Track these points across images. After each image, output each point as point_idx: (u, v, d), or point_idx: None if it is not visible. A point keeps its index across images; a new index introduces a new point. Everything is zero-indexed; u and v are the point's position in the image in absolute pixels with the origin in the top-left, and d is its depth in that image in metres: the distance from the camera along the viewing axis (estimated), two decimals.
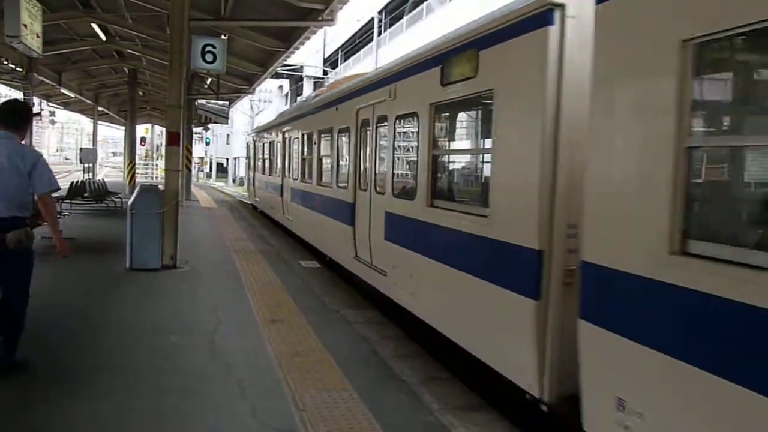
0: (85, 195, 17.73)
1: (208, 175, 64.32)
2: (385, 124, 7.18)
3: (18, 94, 18.54)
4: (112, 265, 9.40)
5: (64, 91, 23.69)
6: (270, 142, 17.61)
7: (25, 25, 10.98)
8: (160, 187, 10.14)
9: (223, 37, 14.30)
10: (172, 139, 10.02)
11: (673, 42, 2.85)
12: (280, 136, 15.57)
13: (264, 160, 18.64)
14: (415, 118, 6.25)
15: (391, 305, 7.03)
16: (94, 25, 16.46)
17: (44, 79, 20.29)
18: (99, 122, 35.07)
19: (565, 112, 4.05)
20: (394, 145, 7.02)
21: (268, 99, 56.55)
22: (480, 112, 5.68)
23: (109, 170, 59.11)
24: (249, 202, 24.35)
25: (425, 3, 34.23)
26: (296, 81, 55.30)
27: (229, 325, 6.48)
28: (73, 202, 16.28)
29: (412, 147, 6.55)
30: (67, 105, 32.39)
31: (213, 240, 13.27)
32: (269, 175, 17.40)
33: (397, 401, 4.62)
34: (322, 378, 4.96)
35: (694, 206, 2.96)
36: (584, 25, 3.73)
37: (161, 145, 52.25)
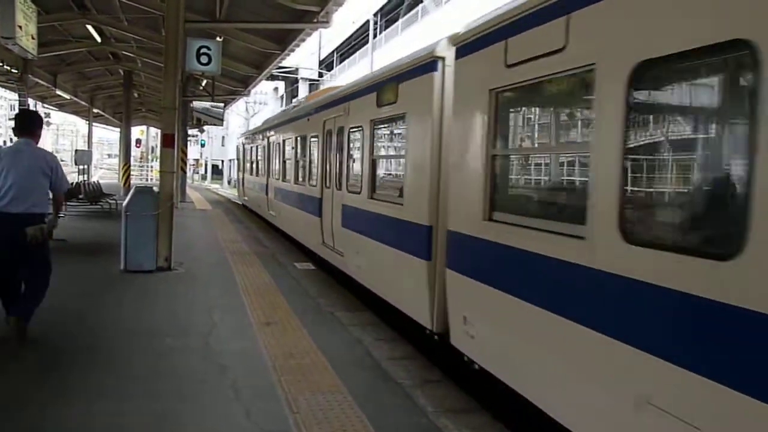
0: (80, 197, 17.69)
1: (203, 177, 64.22)
2: (343, 134, 9.02)
3: (13, 96, 18.47)
4: (106, 266, 9.38)
5: (59, 92, 23.65)
6: (257, 146, 19.42)
7: (20, 27, 10.95)
8: (155, 188, 10.12)
9: (218, 39, 14.32)
10: (167, 141, 10.01)
11: (485, 90, 4.68)
12: (265, 140, 17.30)
13: (252, 163, 20.52)
14: (361, 130, 8.09)
15: (389, 309, 7.06)
16: (89, 27, 16.44)
17: (39, 81, 20.24)
18: (94, 124, 34.98)
19: (445, 129, 5.67)
20: (348, 151, 8.81)
21: (264, 101, 56.56)
22: (399, 127, 7.29)
23: (105, 172, 58.98)
24: (239, 202, 26.20)
25: (420, 5, 34.29)
26: (291, 83, 55.31)
27: (223, 327, 6.48)
28: (67, 203, 16.23)
29: (360, 152, 8.24)
30: (62, 107, 32.32)
31: (208, 242, 13.25)
32: (256, 176, 19.27)
33: (391, 404, 4.63)
34: (317, 380, 4.96)
35: (495, 192, 4.71)
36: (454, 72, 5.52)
37: (156, 146, 52.17)
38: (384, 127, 7.80)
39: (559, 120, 4.48)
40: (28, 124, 5.78)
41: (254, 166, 19.91)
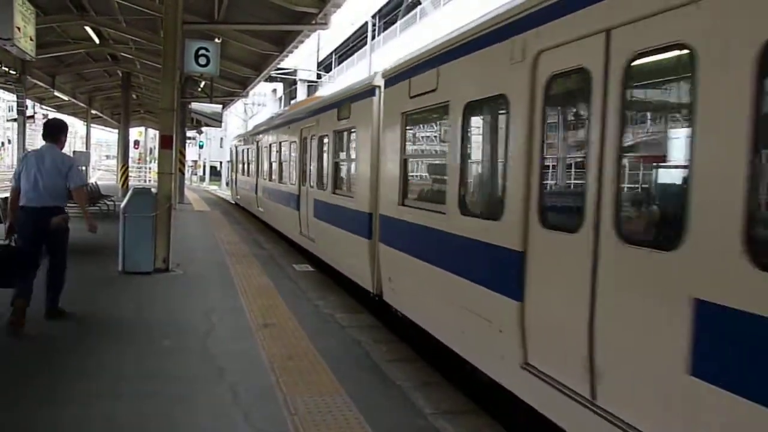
0: None
1: (202, 179, 64.13)
2: (314, 140, 10.88)
3: (11, 97, 18.46)
4: (104, 268, 9.36)
5: (57, 94, 23.61)
6: (247, 149, 21.51)
7: (19, 28, 10.94)
8: (153, 190, 10.12)
9: (216, 40, 14.30)
10: (165, 143, 10.00)
11: (398, 112, 6.59)
12: (255, 144, 19.29)
13: (243, 164, 22.67)
14: (327, 138, 10.08)
15: (387, 311, 7.06)
16: (88, 28, 16.41)
17: (38, 82, 20.22)
18: (92, 125, 34.96)
19: (380, 139, 7.48)
20: (318, 154, 10.63)
21: (262, 102, 56.54)
22: (351, 137, 9.05)
23: (102, 173, 58.90)
24: (232, 201, 28.16)
25: (419, 7, 34.34)
26: (290, 84, 55.35)
27: (221, 328, 6.47)
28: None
29: (326, 156, 10.21)
30: (60, 108, 32.25)
31: (206, 243, 13.24)
32: (247, 176, 21.32)
33: (389, 405, 4.63)
34: (315, 382, 4.96)
35: (406, 186, 6.54)
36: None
37: (154, 148, 52.12)
38: (342, 136, 9.60)
39: (434, 136, 6.64)
40: (53, 131, 6.61)
41: (245, 167, 21.90)
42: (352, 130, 8.80)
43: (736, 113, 2.55)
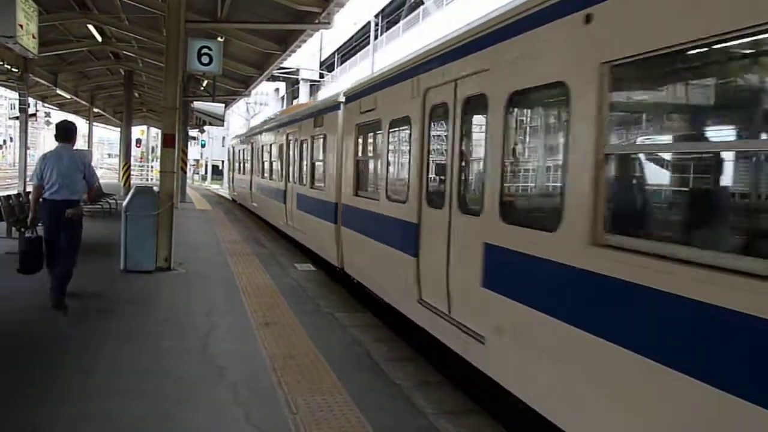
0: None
1: (204, 178, 64.17)
2: (297, 143, 12.80)
3: (13, 95, 18.46)
4: (106, 266, 9.37)
5: (59, 92, 23.60)
6: (243, 150, 23.77)
7: (21, 26, 10.94)
8: (155, 188, 10.12)
9: (219, 39, 14.28)
10: (167, 141, 10.01)
11: (354, 124, 8.61)
12: (249, 145, 21.56)
13: (239, 163, 24.91)
14: (306, 142, 12.07)
15: (387, 310, 7.07)
16: (90, 27, 16.42)
17: (40, 80, 20.22)
18: (94, 124, 34.95)
19: (343, 144, 9.20)
20: (300, 156, 12.53)
21: (264, 102, 56.55)
22: (323, 142, 10.73)
23: (105, 172, 58.97)
24: (229, 197, 30.37)
25: (422, 7, 34.32)
26: (292, 84, 55.32)
27: (223, 327, 6.47)
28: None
29: (306, 157, 12.08)
30: (62, 106, 32.28)
31: (208, 242, 13.24)
32: (242, 174, 23.48)
33: (390, 405, 4.62)
34: (316, 381, 4.96)
35: (358, 181, 8.43)
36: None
37: (157, 146, 52.16)
38: (317, 141, 11.34)
39: (373, 143, 8.23)
40: (67, 133, 7.39)
41: (241, 166, 24.17)
42: (324, 136, 10.71)
43: (499, 135, 4.54)
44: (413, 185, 6.08)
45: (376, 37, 40.54)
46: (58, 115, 46.55)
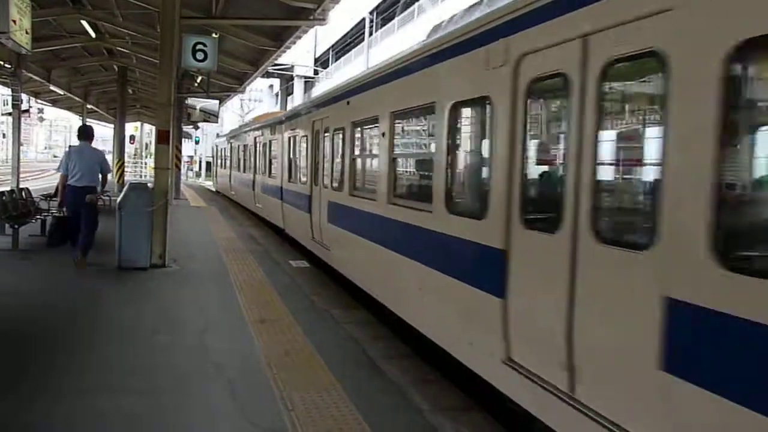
0: None
1: (198, 174, 63.94)
2: (272, 143, 15.58)
3: (6, 91, 18.34)
4: (100, 263, 9.33)
5: (53, 88, 23.45)
6: (224, 148, 28.55)
7: (14, 21, 10.83)
8: (150, 185, 10.08)
9: (213, 35, 14.21)
10: (161, 137, 9.97)
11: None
12: (229, 145, 26.45)
13: (222, 159, 29.77)
14: (277, 142, 14.60)
15: (382, 308, 7.07)
16: (84, 22, 16.30)
17: (33, 76, 20.07)
18: (88, 120, 34.77)
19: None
20: (279, 153, 14.42)
21: (259, 98, 56.36)
22: (287, 143, 13.32)
23: None
24: (214, 189, 34.72)
25: (416, 3, 34.27)
26: (287, 80, 55.17)
27: (218, 324, 6.46)
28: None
29: (283, 156, 13.87)
30: (55, 102, 32.10)
31: (202, 239, 13.21)
32: (224, 169, 28.46)
33: (386, 402, 4.63)
34: (312, 378, 4.96)
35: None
36: None
37: (151, 143, 51.94)
38: (275, 143, 14.28)
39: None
40: (88, 133, 9.85)
41: (223, 162, 29.24)
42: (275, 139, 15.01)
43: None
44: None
45: (371, 34, 40.48)
46: (51, 112, 46.25)
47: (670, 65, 2.91)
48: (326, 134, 9.84)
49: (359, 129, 8.25)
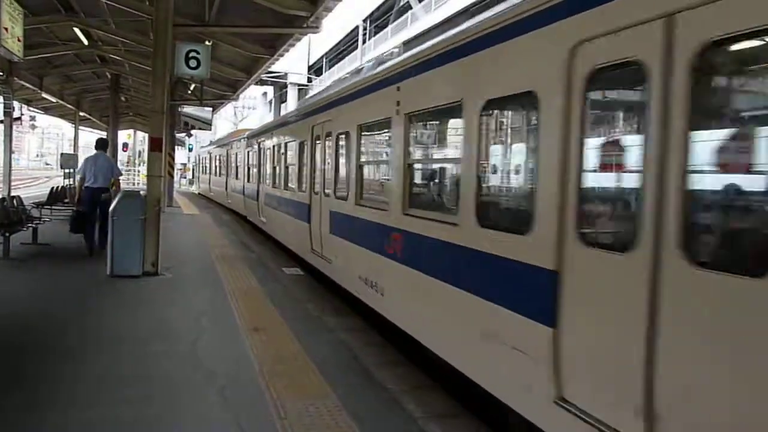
0: (66, 201, 17.51)
1: (191, 182, 63.73)
2: (249, 153, 18.28)
3: None
4: (92, 271, 9.29)
5: (45, 95, 23.40)
6: (206, 157, 33.91)
7: (6, 29, 10.85)
8: (142, 192, 10.05)
9: (207, 43, 14.24)
10: (154, 145, 9.95)
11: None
12: (209, 155, 32.48)
13: (202, 167, 36.24)
14: (253, 153, 17.45)
15: (376, 315, 7.05)
16: (77, 30, 16.28)
17: (25, 84, 20.04)
18: (80, 127, 34.65)
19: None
20: (257, 161, 16.69)
21: (252, 106, 56.36)
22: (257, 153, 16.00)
23: None
24: (196, 192, 39.43)
25: (410, 11, 34.43)
26: (280, 88, 55.22)
27: (211, 332, 6.43)
28: (53, 207, 16.08)
29: (262, 164, 16.04)
30: (48, 110, 31.98)
31: (195, 247, 13.17)
32: (204, 174, 34.57)
33: (379, 409, 4.62)
34: (305, 386, 4.94)
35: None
36: None
37: (143, 151, 51.72)
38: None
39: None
40: (103, 144, 11.89)
41: (205, 168, 34.85)
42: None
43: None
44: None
45: (364, 42, 40.60)
46: (43, 119, 46.02)
47: None
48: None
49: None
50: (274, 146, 14.16)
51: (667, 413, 2.79)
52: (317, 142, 9.63)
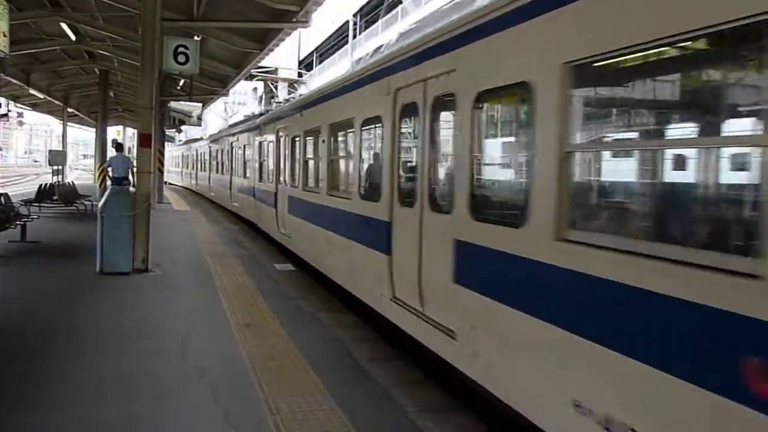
0: (54, 198, 17.38)
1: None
2: (216, 153, 23.52)
3: None
4: (81, 269, 9.22)
5: (32, 91, 23.25)
6: (187, 154, 37.11)
7: None
8: (132, 189, 9.99)
9: (195, 38, 14.16)
10: (143, 141, 9.88)
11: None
12: (188, 153, 36.10)
13: (186, 164, 38.37)
14: (227, 152, 20.73)
15: (369, 310, 7.06)
16: (64, 25, 16.16)
17: (12, 80, 19.88)
18: (69, 124, 34.46)
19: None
20: (218, 159, 22.89)
21: (243, 101, 56.10)
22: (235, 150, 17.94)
23: (80, 173, 58.05)
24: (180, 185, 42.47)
25: (400, 6, 34.35)
26: (271, 83, 54.95)
27: (201, 329, 6.40)
28: (41, 205, 15.95)
29: (222, 159, 21.83)
30: (35, 106, 31.78)
31: (186, 243, 13.10)
32: (185, 168, 37.98)
33: (372, 404, 4.61)
34: (297, 381, 4.92)
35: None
36: None
37: (133, 147, 51.43)
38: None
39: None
40: (119, 147, 16.31)
41: (185, 164, 38.58)
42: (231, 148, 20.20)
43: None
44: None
45: (354, 36, 40.47)
46: (31, 116, 45.63)
47: None
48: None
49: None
50: (245, 145, 17.08)
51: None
52: (280, 141, 12.25)
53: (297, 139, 10.59)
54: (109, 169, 15.33)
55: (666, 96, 3.39)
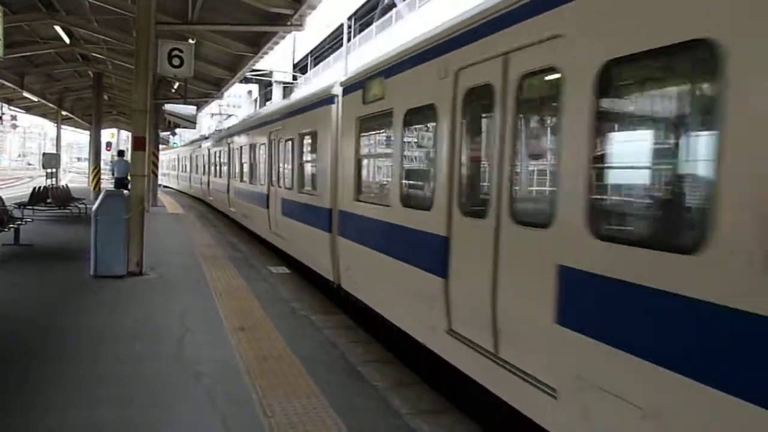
0: (48, 201, 17.32)
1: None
2: (199, 157, 27.28)
3: None
4: (75, 272, 9.20)
5: (26, 94, 23.15)
6: (180, 157, 38.28)
7: None
8: (126, 192, 9.98)
9: (190, 41, 14.15)
10: (138, 144, 9.88)
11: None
12: (178, 155, 39.30)
13: (176, 166, 40.40)
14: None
15: (366, 312, 7.07)
16: (58, 28, 16.12)
17: (5, 83, 19.82)
18: (63, 127, 34.32)
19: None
20: (209, 161, 24.23)
21: (237, 104, 56.09)
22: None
23: (74, 176, 57.83)
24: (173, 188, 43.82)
25: (394, 9, 34.43)
26: (265, 86, 55.01)
27: (196, 332, 6.40)
28: (35, 208, 15.91)
29: (212, 161, 23.42)
30: (29, 109, 31.66)
31: (180, 246, 13.08)
32: (180, 171, 38.06)
33: (366, 406, 4.63)
34: (291, 384, 4.94)
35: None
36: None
37: (127, 150, 51.34)
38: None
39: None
40: (121, 153, 24.67)
41: (175, 166, 40.56)
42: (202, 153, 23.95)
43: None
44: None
45: (349, 40, 40.51)
46: (25, 119, 45.48)
47: None
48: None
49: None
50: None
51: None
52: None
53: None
54: (113, 170, 20.52)
55: None
